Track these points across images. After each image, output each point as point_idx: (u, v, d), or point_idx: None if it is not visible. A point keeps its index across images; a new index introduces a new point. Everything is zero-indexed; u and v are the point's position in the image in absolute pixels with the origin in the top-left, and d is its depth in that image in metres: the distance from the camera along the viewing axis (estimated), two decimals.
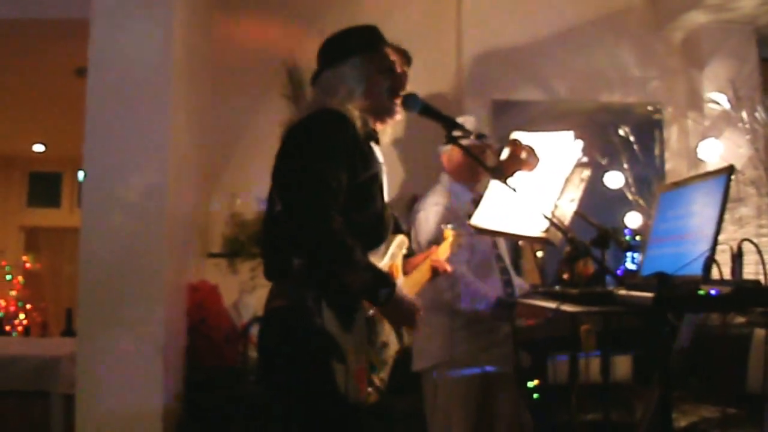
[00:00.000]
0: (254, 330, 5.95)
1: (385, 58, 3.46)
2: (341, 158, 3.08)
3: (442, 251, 3.95)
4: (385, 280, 3.08)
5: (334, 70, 3.38)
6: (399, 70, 3.51)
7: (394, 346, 3.38)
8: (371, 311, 3.18)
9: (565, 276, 3.71)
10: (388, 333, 3.29)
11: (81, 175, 5.98)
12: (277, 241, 3.20)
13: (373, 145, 3.37)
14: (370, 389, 3.20)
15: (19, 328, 13.25)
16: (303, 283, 3.07)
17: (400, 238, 3.47)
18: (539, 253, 5.00)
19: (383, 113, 3.43)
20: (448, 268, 3.88)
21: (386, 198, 3.43)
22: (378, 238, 3.31)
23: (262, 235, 3.41)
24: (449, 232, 4.05)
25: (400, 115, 3.48)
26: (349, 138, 3.14)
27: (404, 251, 3.54)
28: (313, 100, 3.38)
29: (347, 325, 3.08)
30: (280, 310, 3.18)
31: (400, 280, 3.42)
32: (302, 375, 3.09)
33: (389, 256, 3.35)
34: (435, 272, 3.84)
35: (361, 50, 3.43)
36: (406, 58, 3.56)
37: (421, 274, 3.73)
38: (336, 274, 3.00)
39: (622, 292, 2.98)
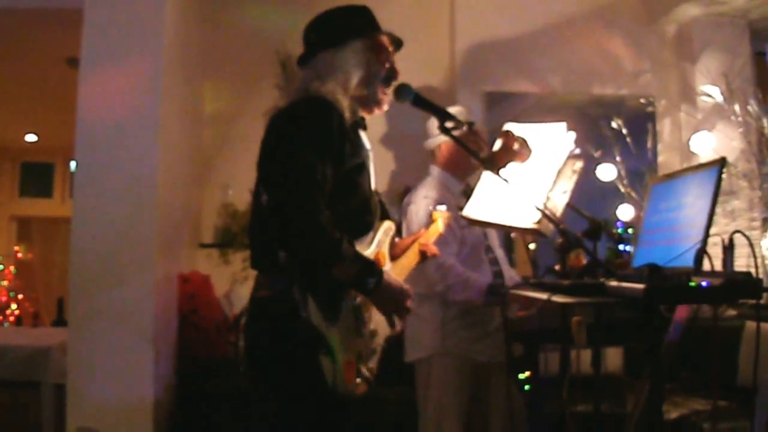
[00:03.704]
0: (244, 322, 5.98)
1: (383, 46, 3.42)
2: (327, 149, 3.05)
3: (431, 234, 3.93)
4: (372, 269, 3.07)
5: (332, 53, 3.31)
6: (392, 58, 3.48)
7: (383, 333, 3.37)
8: (358, 299, 3.17)
9: (557, 267, 3.71)
10: (376, 321, 3.28)
11: (73, 165, 5.96)
12: (264, 232, 3.18)
13: (360, 132, 3.34)
14: (358, 380, 3.19)
15: (11, 318, 13.23)
16: (289, 274, 3.04)
17: (387, 225, 3.45)
18: (531, 245, 4.99)
19: (373, 103, 3.40)
20: (437, 251, 3.86)
21: (373, 185, 3.41)
22: (365, 227, 3.30)
23: (250, 225, 3.39)
24: (437, 214, 4.03)
25: (387, 106, 3.46)
26: (336, 127, 3.10)
27: (390, 237, 3.52)
28: (303, 84, 3.31)
29: (333, 316, 3.07)
30: (264, 300, 3.17)
31: (387, 267, 3.41)
32: (289, 368, 3.07)
33: (376, 244, 3.34)
34: (423, 256, 3.81)
35: (361, 34, 3.38)
36: (397, 44, 3.52)
37: (409, 259, 3.69)
38: (324, 267, 2.99)
39: (613, 283, 2.98)
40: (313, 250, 2.95)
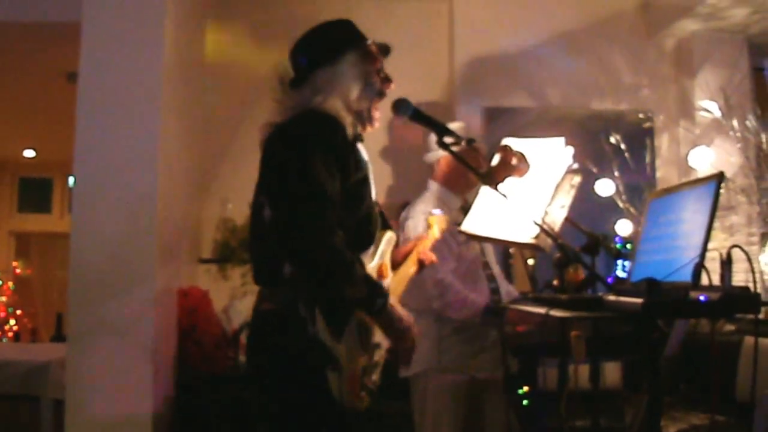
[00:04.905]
0: (245, 336, 5.96)
1: (374, 54, 3.40)
2: (334, 164, 3.06)
3: (427, 240, 3.92)
4: (380, 291, 3.09)
5: (330, 69, 3.29)
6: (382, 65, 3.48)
7: (385, 345, 3.37)
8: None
9: (555, 282, 3.71)
10: (379, 334, 3.28)
11: (71, 180, 5.96)
12: (267, 247, 3.17)
13: (358, 144, 3.33)
14: (362, 393, 3.20)
15: (10, 334, 13.24)
16: (295, 290, 3.05)
17: (389, 236, 3.44)
18: (530, 260, 4.99)
19: (366, 120, 3.38)
20: (435, 258, 3.84)
21: (374, 197, 3.41)
22: (368, 239, 3.29)
23: (251, 240, 3.38)
24: (433, 219, 4.02)
25: (378, 123, 3.45)
26: (340, 141, 3.11)
27: (392, 248, 3.51)
28: (302, 100, 3.28)
29: (340, 332, 3.07)
30: (269, 314, 3.16)
31: (390, 278, 3.41)
32: (296, 383, 3.08)
33: (379, 255, 3.34)
34: (422, 265, 3.80)
35: (353, 46, 3.36)
36: (384, 51, 3.51)
37: (407, 267, 3.69)
38: (335, 287, 3.00)
39: (611, 297, 2.99)
40: (325, 271, 2.96)
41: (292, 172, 3.03)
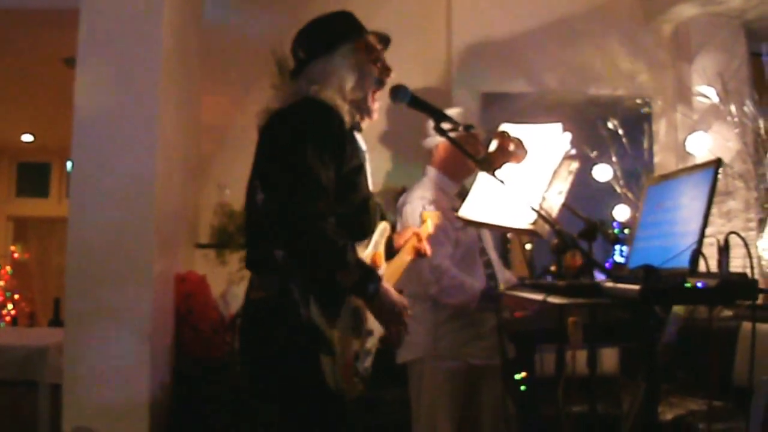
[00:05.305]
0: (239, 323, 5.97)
1: (371, 45, 3.43)
2: (329, 152, 3.08)
3: (422, 234, 3.92)
4: (373, 276, 3.10)
5: (324, 61, 3.32)
6: (382, 55, 3.50)
7: (378, 332, 3.37)
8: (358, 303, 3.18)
9: (553, 268, 3.71)
10: (372, 321, 3.28)
11: (69, 165, 5.96)
12: (259, 231, 3.20)
13: (356, 133, 3.35)
14: (355, 379, 3.20)
15: (7, 318, 13.21)
16: (287, 275, 3.06)
17: (383, 226, 3.46)
18: (528, 246, 4.99)
19: (364, 112, 3.41)
20: (429, 250, 3.84)
21: (371, 187, 3.42)
22: (363, 228, 3.31)
23: (245, 224, 3.40)
24: (427, 215, 4.04)
25: (377, 115, 3.46)
26: (336, 130, 3.13)
27: (386, 238, 3.52)
28: (298, 89, 3.30)
29: (334, 317, 3.09)
30: (261, 301, 3.18)
31: (383, 268, 3.41)
32: (290, 368, 3.09)
33: (372, 245, 3.35)
34: (417, 254, 3.81)
35: (349, 38, 3.39)
36: (384, 41, 3.53)
37: (402, 258, 3.70)
38: (327, 273, 3.01)
39: (609, 284, 2.98)
40: (317, 258, 2.99)
41: (286, 159, 3.06)
